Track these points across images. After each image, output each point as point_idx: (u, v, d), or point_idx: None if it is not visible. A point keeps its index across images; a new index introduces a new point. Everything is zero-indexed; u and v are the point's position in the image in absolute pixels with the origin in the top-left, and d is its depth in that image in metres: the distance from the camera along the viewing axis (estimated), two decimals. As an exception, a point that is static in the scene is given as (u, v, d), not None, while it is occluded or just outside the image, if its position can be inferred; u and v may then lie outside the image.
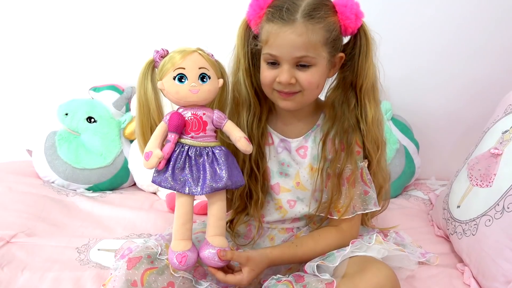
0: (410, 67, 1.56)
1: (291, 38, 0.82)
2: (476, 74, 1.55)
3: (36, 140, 1.54)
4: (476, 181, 1.10)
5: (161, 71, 0.83)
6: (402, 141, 1.51)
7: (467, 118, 1.60)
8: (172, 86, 0.81)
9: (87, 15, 1.59)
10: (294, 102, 0.89)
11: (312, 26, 0.82)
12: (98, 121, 1.54)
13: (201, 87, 0.81)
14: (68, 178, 1.49)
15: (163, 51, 0.84)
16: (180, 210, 0.83)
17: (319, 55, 0.85)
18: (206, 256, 0.83)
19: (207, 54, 0.85)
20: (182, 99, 0.82)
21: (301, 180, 0.98)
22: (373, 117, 0.92)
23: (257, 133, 0.96)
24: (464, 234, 1.07)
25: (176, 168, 0.81)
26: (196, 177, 0.81)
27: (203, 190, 0.80)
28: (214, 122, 0.84)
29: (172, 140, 0.81)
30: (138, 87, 0.86)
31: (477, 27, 1.51)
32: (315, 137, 0.97)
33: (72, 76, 1.64)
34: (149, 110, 0.86)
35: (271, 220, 1.02)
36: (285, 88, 0.87)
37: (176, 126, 0.81)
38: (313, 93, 0.90)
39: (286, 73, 0.85)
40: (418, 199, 1.47)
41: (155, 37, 1.58)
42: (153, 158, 0.79)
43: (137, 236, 1.22)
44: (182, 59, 0.81)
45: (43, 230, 1.20)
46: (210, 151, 0.82)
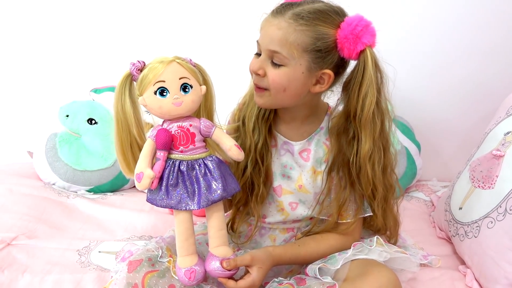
0: (412, 68, 1.56)
1: (271, 30, 0.83)
2: (478, 75, 1.55)
3: (37, 141, 1.53)
4: (478, 182, 1.09)
5: (140, 86, 0.79)
6: (404, 142, 1.50)
7: (469, 119, 1.59)
8: (154, 101, 0.78)
9: (87, 16, 1.59)
10: (262, 99, 0.89)
11: (296, 25, 0.80)
12: (99, 122, 1.53)
13: (184, 98, 0.79)
14: (69, 180, 1.49)
15: (140, 63, 0.80)
16: (181, 227, 0.82)
17: (293, 58, 0.82)
18: (212, 268, 0.82)
19: (186, 61, 0.81)
20: (166, 114, 0.80)
21: (303, 183, 0.97)
22: (366, 153, 0.86)
23: (265, 126, 0.95)
24: (466, 236, 1.06)
25: (170, 186, 0.79)
26: (191, 192, 0.80)
27: (200, 204, 0.79)
28: (202, 132, 0.82)
29: (161, 158, 0.79)
30: (115, 103, 0.81)
31: (478, 29, 1.50)
32: (318, 140, 0.97)
33: (73, 77, 1.64)
34: (128, 126, 0.81)
35: (273, 221, 1.01)
36: (256, 80, 0.87)
37: (164, 143, 0.79)
38: (279, 95, 0.86)
39: (257, 61, 0.85)
40: (420, 201, 1.46)
41: (155, 38, 1.58)
42: (145, 179, 0.77)
43: (138, 238, 1.22)
44: (161, 71, 0.77)
45: (44, 232, 1.20)
46: (202, 162, 0.81)
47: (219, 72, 1.15)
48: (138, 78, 0.80)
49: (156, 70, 0.77)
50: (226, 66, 1.40)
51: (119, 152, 0.84)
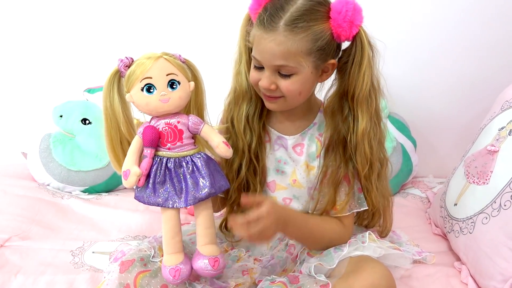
0: (406, 64, 1.55)
1: (270, 47, 0.81)
2: (473, 71, 1.54)
3: (30, 142, 1.52)
4: (472, 178, 1.09)
5: (127, 82, 0.79)
6: (399, 139, 1.49)
7: (464, 115, 1.58)
8: (141, 98, 0.78)
9: (81, 16, 1.58)
10: (278, 106, 0.90)
11: (293, 36, 0.80)
12: (93, 122, 1.52)
13: (171, 95, 0.78)
14: (63, 180, 1.48)
15: (128, 60, 0.79)
16: (167, 224, 0.81)
17: (301, 65, 0.83)
18: (199, 266, 0.81)
19: (174, 57, 0.80)
20: (153, 110, 0.79)
21: (297, 177, 0.97)
22: (364, 130, 0.87)
23: (258, 125, 0.95)
24: (461, 232, 1.06)
25: (157, 183, 0.79)
26: (179, 189, 0.79)
27: (187, 202, 0.78)
28: (190, 129, 0.82)
29: (148, 155, 0.79)
30: (103, 100, 0.81)
31: (473, 24, 1.50)
32: (311, 135, 0.97)
33: (67, 77, 1.63)
34: (117, 123, 0.81)
35: None
36: (266, 92, 0.87)
37: (150, 140, 0.78)
38: (295, 99, 0.89)
39: (266, 79, 0.85)
40: (416, 197, 1.46)
41: (149, 37, 1.57)
42: (131, 176, 0.77)
43: (132, 238, 1.21)
44: (147, 67, 0.77)
45: (38, 233, 1.20)
46: (190, 160, 0.80)
47: (211, 68, 1.15)
48: (125, 74, 0.79)
49: (143, 66, 0.77)
50: (218, 63, 1.39)
51: (109, 149, 0.84)
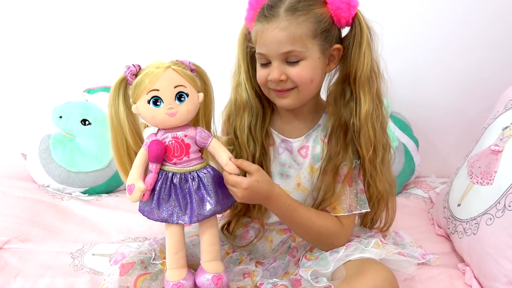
0: (409, 63, 1.54)
1: (274, 34, 0.82)
2: (475, 69, 1.53)
3: (30, 143, 1.52)
4: (476, 178, 1.08)
5: (134, 93, 0.76)
6: (401, 139, 1.48)
7: (467, 114, 1.57)
8: (148, 110, 0.75)
9: (80, 16, 1.58)
10: (290, 100, 0.87)
11: (296, 19, 0.81)
12: (93, 123, 1.52)
13: (179, 108, 0.75)
14: (63, 181, 1.47)
15: (135, 68, 0.76)
16: (171, 239, 0.80)
17: (308, 49, 0.83)
18: (202, 283, 0.80)
19: (183, 66, 0.77)
20: (160, 124, 0.77)
21: (301, 181, 0.96)
22: (367, 112, 0.87)
23: (261, 134, 0.94)
24: (465, 233, 1.04)
25: (162, 198, 0.77)
26: (184, 205, 0.78)
27: (192, 219, 0.77)
28: (198, 143, 0.79)
29: (154, 170, 0.77)
30: (109, 108, 0.79)
31: (476, 22, 1.49)
32: (316, 137, 0.95)
33: (66, 78, 1.62)
34: (123, 132, 0.79)
35: (269, 222, 1.00)
36: (277, 86, 0.86)
37: (156, 156, 0.76)
38: (308, 88, 0.87)
39: (275, 70, 0.84)
40: (418, 197, 1.44)
41: (149, 37, 1.57)
42: (136, 192, 0.75)
43: (132, 240, 1.20)
44: (155, 79, 0.73)
45: (37, 236, 1.19)
46: (196, 175, 0.78)
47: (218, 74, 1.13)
48: (132, 83, 0.76)
49: (150, 77, 0.74)
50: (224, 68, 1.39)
51: (116, 157, 0.83)
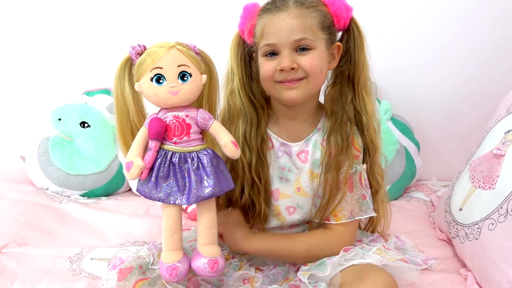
0: (410, 66, 1.53)
1: (286, 22, 0.83)
2: (477, 72, 1.52)
3: (29, 146, 1.51)
4: (478, 183, 1.07)
5: (137, 71, 0.77)
6: (402, 142, 1.47)
7: (469, 117, 1.56)
8: (150, 88, 0.75)
9: (79, 18, 1.57)
10: (299, 91, 0.86)
11: (306, 9, 0.83)
12: (92, 125, 1.51)
13: (181, 87, 0.75)
14: (62, 184, 1.46)
15: (140, 47, 0.77)
16: (168, 221, 0.79)
17: (318, 39, 0.84)
18: (197, 266, 0.79)
19: (187, 48, 0.78)
20: (161, 102, 0.77)
21: (302, 185, 0.95)
22: (372, 110, 0.92)
23: (256, 141, 0.93)
24: (467, 238, 1.03)
25: (160, 177, 0.76)
26: (182, 185, 0.76)
27: (189, 199, 0.76)
28: (199, 124, 0.79)
29: (153, 148, 0.76)
30: (114, 88, 0.80)
31: (478, 25, 1.48)
32: (316, 142, 0.94)
33: (65, 80, 1.62)
34: (128, 112, 0.80)
35: (268, 227, 0.98)
36: (288, 75, 0.85)
37: (156, 133, 0.76)
38: (317, 79, 0.87)
39: (287, 58, 0.84)
40: (420, 201, 1.43)
41: (149, 39, 1.55)
42: (134, 169, 0.74)
43: (131, 244, 1.19)
44: (158, 57, 0.74)
45: (35, 239, 1.18)
46: (195, 156, 0.77)
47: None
48: (136, 62, 0.77)
49: (154, 55, 0.74)
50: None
51: (120, 138, 0.83)
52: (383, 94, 1.53)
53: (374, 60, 1.52)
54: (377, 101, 1.52)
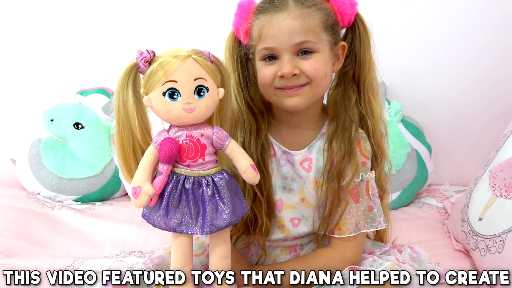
0: (421, 66, 1.48)
1: (286, 24, 0.75)
2: (489, 73, 1.46)
3: (19, 148, 1.45)
4: (500, 191, 1.00)
5: (147, 83, 0.67)
6: (414, 145, 1.41)
7: (482, 119, 1.50)
8: (162, 104, 0.66)
9: (73, 14, 1.51)
10: (302, 97, 0.79)
11: (307, 9, 0.76)
12: (86, 127, 1.45)
13: (197, 104, 0.66)
14: (54, 189, 1.40)
15: (149, 54, 0.67)
16: (178, 252, 0.71)
17: (321, 41, 0.77)
18: None
19: (204, 57, 0.69)
20: (174, 120, 0.68)
21: (306, 195, 0.88)
22: (379, 114, 0.86)
23: (256, 151, 0.85)
24: (488, 250, 0.96)
25: (171, 205, 0.68)
26: (195, 213, 0.68)
27: (203, 230, 0.68)
28: (214, 144, 0.70)
29: (164, 172, 0.67)
30: (116, 98, 0.70)
31: (490, 25, 1.42)
32: (319, 148, 0.87)
33: (58, 79, 1.56)
34: (130, 126, 0.70)
35: (272, 239, 0.92)
36: (289, 82, 0.77)
37: (169, 157, 0.67)
38: (322, 84, 0.80)
39: (288, 63, 0.76)
40: (432, 208, 1.36)
41: (145, 37, 1.50)
42: (142, 196, 0.65)
43: (127, 254, 1.13)
44: (173, 68, 0.65)
45: (24, 250, 1.11)
46: (210, 180, 0.69)
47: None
48: (145, 72, 0.67)
49: (168, 66, 0.65)
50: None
51: (120, 155, 0.73)
52: (393, 94, 1.47)
53: (384, 59, 1.46)
54: (386, 101, 1.45)
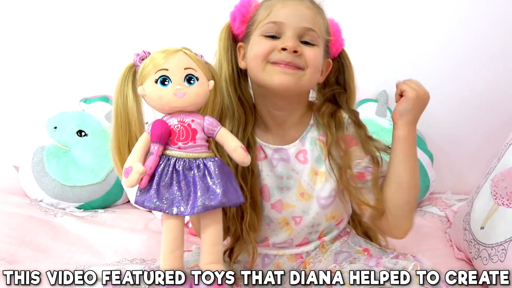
0: (422, 74, 1.45)
1: (300, 8, 0.80)
2: (493, 82, 1.47)
3: (23, 155, 1.45)
4: (502, 199, 1.00)
5: (141, 74, 0.72)
6: (415, 153, 1.41)
7: (484, 127, 1.51)
8: (154, 90, 0.71)
9: (77, 23, 1.53)
10: (293, 79, 0.78)
11: (317, 9, 0.83)
12: (89, 134, 1.46)
13: (187, 90, 0.71)
14: (57, 196, 1.40)
15: (144, 53, 0.74)
16: (169, 235, 0.71)
17: (321, 39, 0.82)
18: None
19: (194, 53, 0.75)
20: (166, 105, 0.71)
21: (304, 189, 0.88)
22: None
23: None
24: (490, 259, 0.96)
25: (162, 185, 0.69)
26: (186, 194, 0.70)
27: (194, 209, 0.68)
28: (205, 130, 0.73)
29: (155, 152, 0.70)
30: (116, 95, 0.75)
31: (494, 34, 1.43)
32: (312, 138, 0.89)
33: (62, 87, 1.57)
34: (128, 122, 0.74)
35: (278, 242, 0.92)
36: (287, 57, 0.77)
37: (159, 135, 0.69)
38: (314, 75, 0.82)
39: (292, 39, 0.79)
40: (434, 216, 1.36)
41: (148, 44, 1.49)
42: (133, 174, 0.68)
43: (129, 261, 1.12)
44: (164, 59, 0.71)
45: (27, 257, 1.11)
46: (202, 163, 0.71)
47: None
48: (139, 68, 0.73)
49: (159, 58, 0.71)
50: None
51: (114, 150, 0.76)
52: (394, 103, 1.46)
53: (385, 68, 1.48)
54: (388, 110, 1.46)
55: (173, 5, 1.50)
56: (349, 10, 1.39)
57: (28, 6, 1.51)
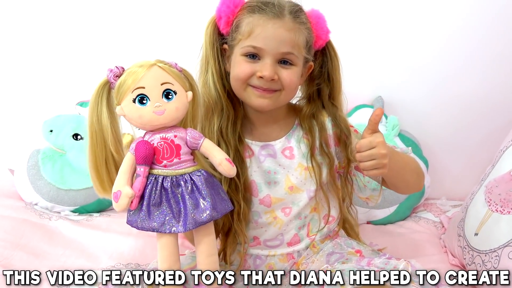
0: (417, 80, 1.48)
1: (280, 32, 0.81)
2: (488, 87, 1.46)
3: (18, 158, 1.45)
4: (495, 206, 1.01)
5: (117, 93, 0.72)
6: (410, 159, 1.41)
7: (479, 133, 1.50)
8: (133, 110, 0.71)
9: (72, 25, 1.52)
10: (270, 101, 0.85)
11: (299, 25, 0.83)
12: (85, 138, 1.40)
13: (167, 106, 0.71)
14: (52, 199, 1.39)
15: (118, 69, 0.74)
16: (164, 252, 0.73)
17: (300, 57, 0.85)
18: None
19: (169, 65, 0.74)
20: (147, 124, 0.72)
21: (294, 183, 0.91)
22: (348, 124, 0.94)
23: (233, 137, 0.89)
24: (484, 265, 0.97)
25: (152, 205, 0.71)
26: (176, 212, 0.71)
27: (186, 226, 0.70)
28: (189, 144, 0.75)
29: (142, 174, 0.71)
30: (90, 113, 0.75)
31: (488, 39, 1.43)
32: (298, 136, 0.92)
33: (58, 90, 1.55)
34: (104, 140, 0.74)
35: (269, 238, 0.93)
36: (264, 84, 0.82)
37: (144, 157, 0.70)
38: (291, 94, 0.88)
39: (270, 67, 0.81)
40: (429, 222, 1.36)
41: (143, 47, 1.50)
42: (123, 198, 0.69)
43: (124, 266, 1.12)
44: (139, 76, 0.70)
45: (21, 260, 1.11)
46: (188, 178, 0.72)
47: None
48: (115, 85, 0.72)
49: (134, 75, 0.71)
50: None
51: (92, 168, 0.77)
52: (390, 108, 1.48)
53: (381, 74, 1.49)
54: (384, 116, 1.46)
55: (172, 7, 1.50)
56: (345, 14, 1.40)
57: (25, 9, 1.50)
